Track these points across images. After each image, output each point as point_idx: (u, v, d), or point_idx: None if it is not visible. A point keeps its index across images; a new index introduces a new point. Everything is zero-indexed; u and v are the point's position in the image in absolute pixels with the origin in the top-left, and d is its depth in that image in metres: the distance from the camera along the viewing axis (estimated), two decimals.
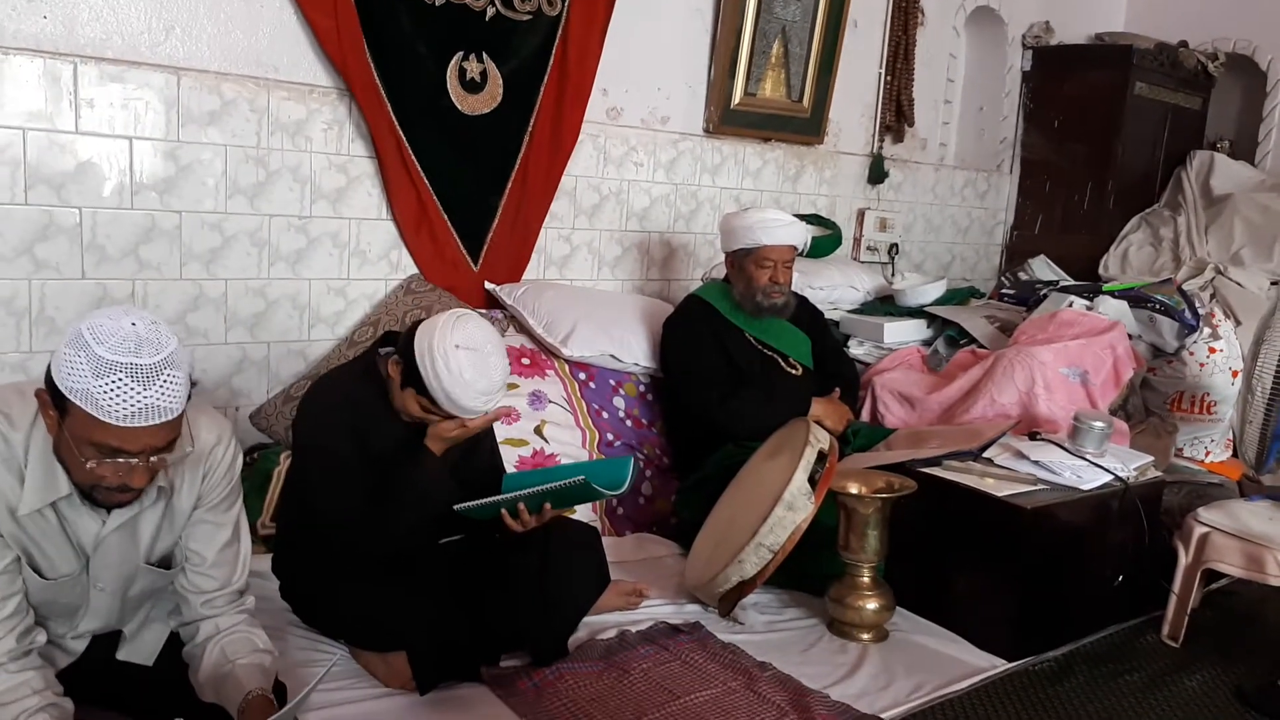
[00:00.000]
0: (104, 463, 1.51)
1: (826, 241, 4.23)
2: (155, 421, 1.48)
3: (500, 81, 3.25)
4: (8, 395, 1.62)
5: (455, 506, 2.15)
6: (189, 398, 1.54)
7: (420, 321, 2.12)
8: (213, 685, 1.73)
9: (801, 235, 3.20)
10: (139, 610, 1.84)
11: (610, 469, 2.26)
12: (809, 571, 2.63)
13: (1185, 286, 4.12)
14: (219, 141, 2.82)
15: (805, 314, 3.36)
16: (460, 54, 3.15)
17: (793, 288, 3.24)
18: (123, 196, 2.70)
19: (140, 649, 1.85)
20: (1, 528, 1.58)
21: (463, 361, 2.01)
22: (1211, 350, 3.76)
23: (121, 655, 1.84)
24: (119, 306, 1.59)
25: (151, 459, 1.53)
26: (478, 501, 2.15)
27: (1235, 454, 3.82)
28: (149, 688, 1.83)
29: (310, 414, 2.21)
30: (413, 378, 2.06)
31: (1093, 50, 5.10)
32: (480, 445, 2.39)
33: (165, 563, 1.79)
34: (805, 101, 4.20)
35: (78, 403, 1.45)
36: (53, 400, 1.50)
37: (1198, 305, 3.88)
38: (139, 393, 1.45)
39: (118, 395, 1.44)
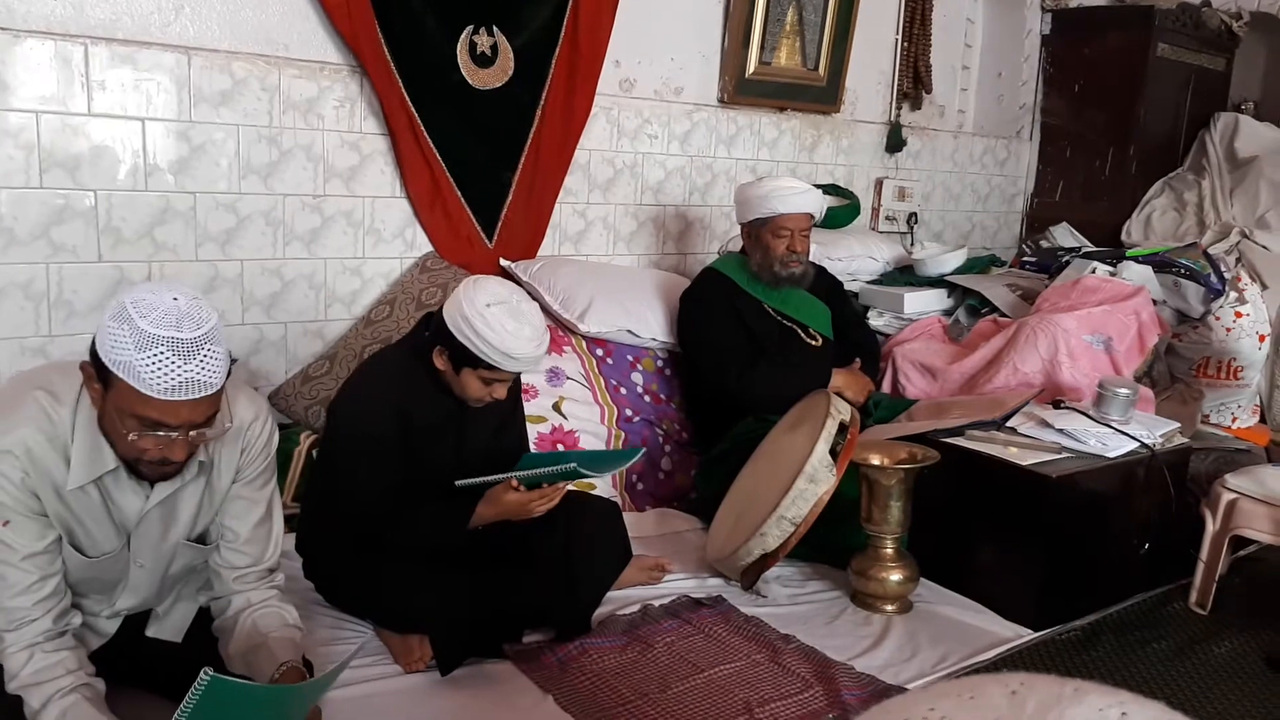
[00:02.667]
0: (145, 435, 1.52)
1: (844, 212, 4.19)
2: (195, 395, 1.49)
3: (511, 55, 3.22)
4: (50, 373, 1.64)
5: (457, 483, 2.16)
6: (228, 374, 1.56)
7: (440, 308, 2.15)
8: (244, 657, 1.74)
9: (818, 203, 3.17)
10: (173, 588, 1.86)
11: (614, 458, 2.26)
12: (831, 544, 2.62)
13: (1210, 251, 4.06)
14: (231, 121, 2.80)
15: (824, 284, 3.33)
16: (470, 27, 3.12)
17: (811, 258, 3.21)
18: (137, 178, 2.69)
19: (169, 626, 1.87)
20: (46, 506, 1.60)
21: (499, 316, 2.06)
22: (1238, 315, 3.70)
23: (150, 632, 1.86)
24: (161, 281, 1.60)
25: (191, 433, 1.55)
26: (479, 480, 2.16)
27: (1263, 419, 3.77)
28: (177, 665, 1.84)
29: (354, 394, 2.23)
30: (463, 357, 2.10)
31: (1113, 12, 4.99)
32: (511, 425, 2.40)
33: (202, 539, 1.81)
34: (821, 70, 4.15)
35: (120, 375, 1.47)
36: (97, 373, 1.52)
37: (1223, 269, 3.82)
38: (180, 366, 1.47)
39: (159, 368, 1.46)
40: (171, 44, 2.70)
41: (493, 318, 2.06)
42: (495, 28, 3.17)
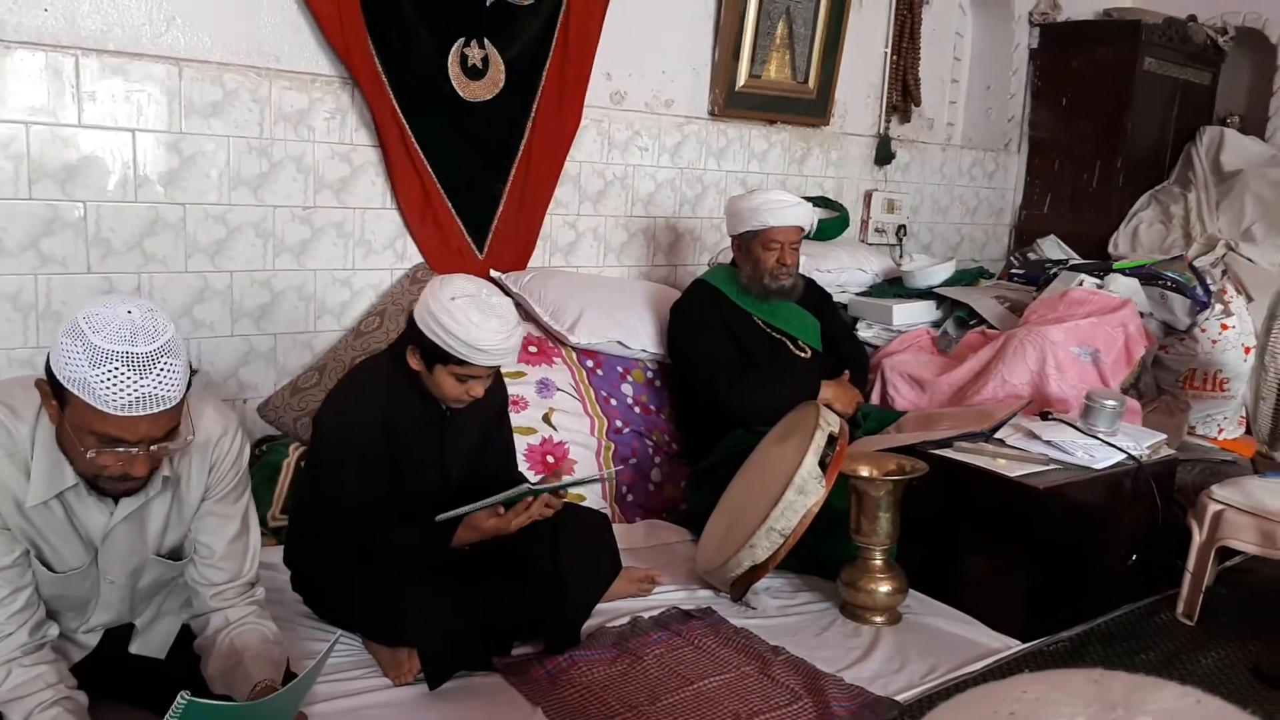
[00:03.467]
0: (104, 452, 1.50)
1: (834, 224, 4.21)
2: (153, 410, 1.47)
3: (502, 67, 3.23)
4: (11, 388, 1.62)
5: (437, 518, 2.16)
6: (189, 385, 1.54)
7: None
8: (222, 677, 1.73)
9: (808, 216, 3.18)
10: (150, 603, 1.85)
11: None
12: (821, 555, 2.62)
13: (1196, 263, 4.09)
14: (221, 133, 2.81)
15: (813, 296, 3.35)
16: (462, 40, 3.13)
17: (800, 270, 3.22)
18: (126, 189, 2.69)
19: (152, 642, 1.86)
20: (8, 521, 1.58)
21: (464, 308, 2.06)
22: (1224, 327, 3.72)
23: (134, 648, 1.84)
24: (116, 295, 1.58)
25: (152, 448, 1.53)
26: (455, 512, 2.16)
27: (1249, 431, 3.79)
28: (161, 680, 1.83)
29: (339, 404, 2.23)
30: (433, 352, 2.10)
31: (1101, 26, 5.04)
32: (497, 437, 2.40)
33: (175, 554, 1.79)
34: (811, 83, 4.17)
35: (76, 392, 1.45)
36: (53, 390, 1.50)
37: (1209, 282, 3.84)
38: (136, 381, 1.44)
39: (115, 384, 1.43)
40: (162, 55, 2.70)
41: (457, 310, 2.06)
42: (486, 40, 3.19)
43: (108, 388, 1.43)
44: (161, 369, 1.47)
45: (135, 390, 1.44)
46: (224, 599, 1.80)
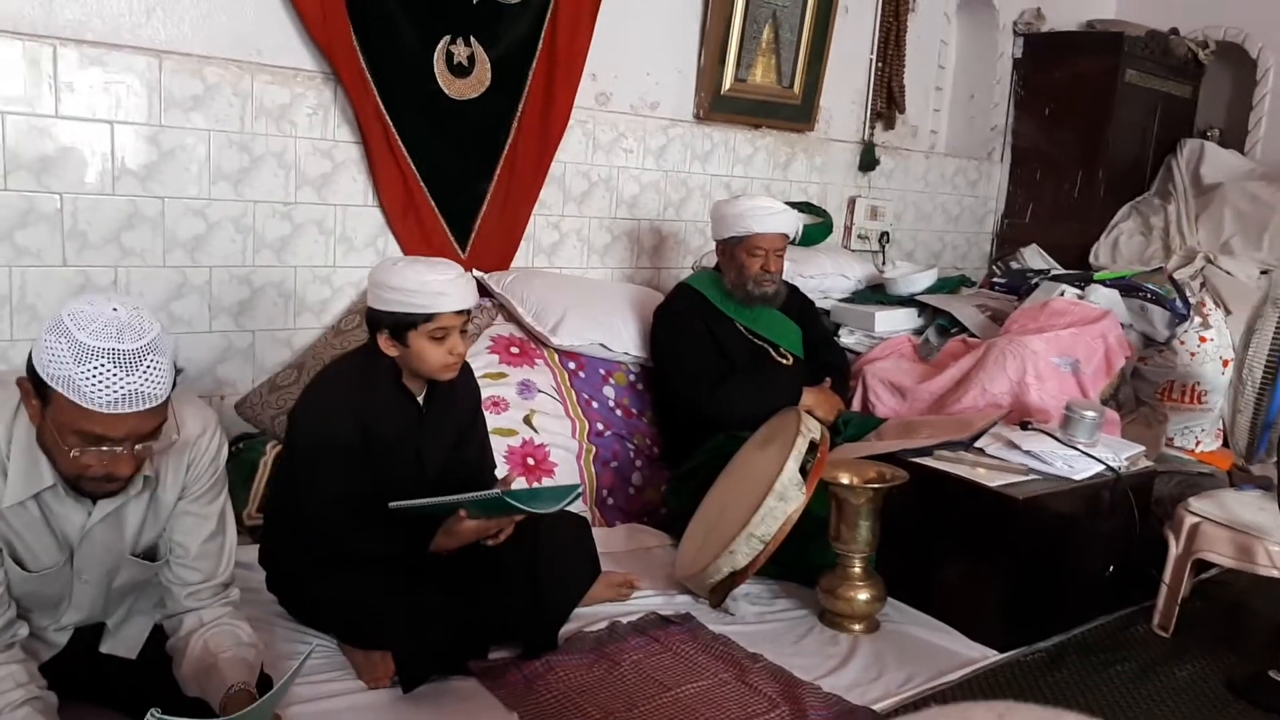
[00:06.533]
0: (88, 451, 1.48)
1: (817, 229, 4.21)
2: (139, 408, 1.45)
3: (488, 66, 3.21)
4: None
5: (390, 505, 2.11)
6: (174, 384, 1.52)
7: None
8: (196, 679, 1.71)
9: (793, 223, 3.18)
10: (123, 602, 1.82)
11: (553, 495, 2.19)
12: (800, 562, 2.62)
13: (1176, 275, 4.12)
14: (202, 126, 2.77)
15: (796, 303, 3.34)
16: (447, 37, 3.11)
17: (783, 276, 3.22)
18: (104, 182, 2.65)
19: (124, 642, 1.83)
20: None
21: (408, 264, 2.16)
22: (1202, 339, 3.75)
23: (105, 648, 1.82)
24: (102, 292, 1.56)
25: (137, 447, 1.51)
26: (410, 503, 2.11)
27: (1226, 444, 3.81)
28: (132, 681, 1.81)
29: (312, 401, 2.21)
30: (401, 322, 2.12)
31: (1084, 37, 5.08)
32: (470, 438, 2.38)
33: (150, 555, 1.77)
34: (796, 88, 4.17)
35: (60, 390, 1.43)
36: (35, 388, 1.48)
37: (1189, 294, 3.87)
38: (122, 379, 1.43)
39: (100, 382, 1.42)
40: (142, 47, 2.66)
41: (404, 266, 2.14)
42: (472, 38, 3.16)
43: (93, 385, 1.42)
44: (148, 366, 1.45)
45: (121, 388, 1.43)
46: (198, 599, 1.78)
